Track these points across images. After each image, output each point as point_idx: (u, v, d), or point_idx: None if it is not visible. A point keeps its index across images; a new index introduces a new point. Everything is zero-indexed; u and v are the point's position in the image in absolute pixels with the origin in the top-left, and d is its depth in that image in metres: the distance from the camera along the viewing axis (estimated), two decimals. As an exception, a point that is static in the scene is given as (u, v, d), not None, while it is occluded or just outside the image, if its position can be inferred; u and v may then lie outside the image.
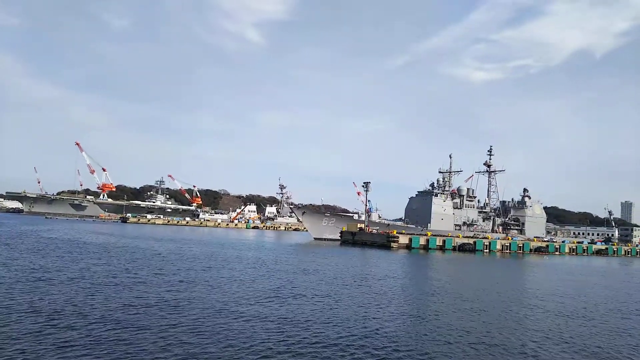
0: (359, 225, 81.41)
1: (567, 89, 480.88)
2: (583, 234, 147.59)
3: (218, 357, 12.83)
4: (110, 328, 15.06)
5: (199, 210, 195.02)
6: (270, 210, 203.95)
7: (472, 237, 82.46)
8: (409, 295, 24.52)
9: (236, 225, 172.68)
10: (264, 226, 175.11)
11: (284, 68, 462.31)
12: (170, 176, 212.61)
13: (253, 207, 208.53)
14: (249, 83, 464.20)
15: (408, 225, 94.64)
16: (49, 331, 14.47)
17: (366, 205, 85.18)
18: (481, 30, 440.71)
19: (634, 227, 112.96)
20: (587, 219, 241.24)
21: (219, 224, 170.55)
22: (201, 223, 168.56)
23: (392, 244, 69.59)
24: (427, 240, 72.14)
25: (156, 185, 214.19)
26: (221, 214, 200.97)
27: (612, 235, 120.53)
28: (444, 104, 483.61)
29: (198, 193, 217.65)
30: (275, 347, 13.95)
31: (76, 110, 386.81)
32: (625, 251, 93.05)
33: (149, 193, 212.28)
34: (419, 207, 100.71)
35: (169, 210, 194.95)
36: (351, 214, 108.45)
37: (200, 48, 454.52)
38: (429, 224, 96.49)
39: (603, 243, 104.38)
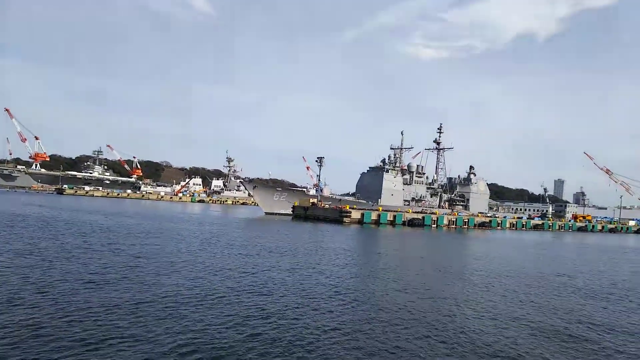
0: (311, 200, 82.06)
1: (509, 70, 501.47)
2: (521, 209, 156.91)
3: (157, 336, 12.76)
4: (68, 305, 14.62)
5: (140, 183, 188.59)
6: (217, 183, 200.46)
7: (420, 213, 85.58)
8: (358, 270, 25.16)
9: (180, 198, 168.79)
10: (210, 200, 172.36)
11: (230, 37, 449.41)
12: (109, 146, 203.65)
13: (198, 180, 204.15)
14: (194, 53, 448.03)
15: (359, 201, 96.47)
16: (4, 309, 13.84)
17: (319, 180, 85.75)
18: (430, 8, 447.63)
19: (567, 204, 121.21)
20: (523, 195, 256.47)
21: (162, 196, 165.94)
22: (143, 196, 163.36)
23: (345, 219, 70.87)
24: (379, 216, 74.04)
25: (93, 155, 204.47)
26: (164, 186, 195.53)
27: (547, 211, 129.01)
28: (393, 80, 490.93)
29: (138, 164, 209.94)
30: (209, 322, 14.07)
31: (6, 77, 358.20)
32: (559, 226, 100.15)
33: (85, 164, 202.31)
34: (370, 183, 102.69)
35: (108, 181, 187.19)
36: (301, 189, 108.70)
37: (140, 13, 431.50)
38: (379, 200, 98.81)
39: (539, 218, 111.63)
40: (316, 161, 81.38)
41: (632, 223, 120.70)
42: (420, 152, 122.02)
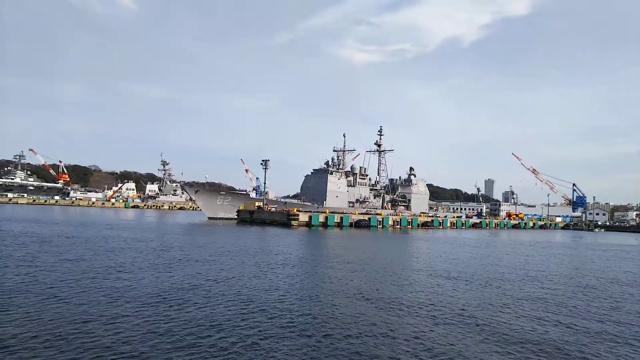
0: (257, 204, 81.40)
1: (439, 74, 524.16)
2: (458, 208, 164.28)
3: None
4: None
5: (68, 188, 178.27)
6: (152, 188, 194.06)
7: (366, 214, 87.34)
8: (312, 275, 25.14)
9: (113, 204, 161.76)
10: (144, 205, 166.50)
11: (160, 37, 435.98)
12: (31, 150, 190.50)
13: (132, 185, 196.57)
14: (122, 51, 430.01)
15: (305, 203, 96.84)
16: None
17: (265, 183, 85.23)
18: (362, 12, 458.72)
19: (500, 203, 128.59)
20: (458, 195, 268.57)
21: (93, 203, 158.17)
22: (73, 202, 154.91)
23: (292, 222, 70.99)
24: (326, 218, 74.78)
25: (15, 160, 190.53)
26: (95, 192, 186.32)
27: (482, 209, 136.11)
28: (331, 84, 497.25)
29: (65, 169, 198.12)
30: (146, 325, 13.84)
31: None
32: (495, 224, 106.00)
33: (6, 169, 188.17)
34: (314, 185, 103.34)
35: (32, 187, 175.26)
36: (245, 192, 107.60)
37: (65, 10, 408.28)
38: (324, 202, 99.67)
39: (477, 217, 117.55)
40: (261, 164, 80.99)
41: (558, 220, 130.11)
42: (359, 153, 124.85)
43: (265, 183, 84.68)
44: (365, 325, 15.09)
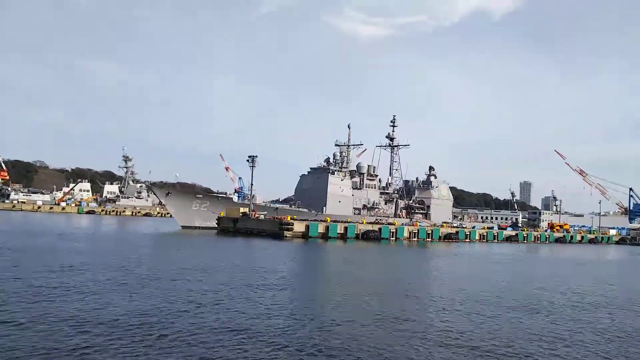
0: (242, 210, 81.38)
1: (462, 53, 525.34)
2: (488, 218, 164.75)
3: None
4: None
5: (8, 189, 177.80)
6: (111, 189, 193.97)
7: (375, 223, 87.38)
8: (306, 296, 24.87)
9: (64, 209, 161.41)
10: (102, 210, 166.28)
11: (118, 8, 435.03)
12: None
13: (86, 185, 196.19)
14: (72, 25, 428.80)
15: (300, 209, 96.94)
16: None
17: (251, 184, 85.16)
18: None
19: (541, 211, 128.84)
20: (488, 201, 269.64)
21: (39, 207, 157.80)
22: (14, 206, 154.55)
23: (286, 233, 71.00)
24: (327, 228, 74.87)
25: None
26: (41, 193, 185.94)
27: (517, 219, 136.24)
28: (329, 63, 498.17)
29: (3, 165, 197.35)
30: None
31: None
32: (534, 237, 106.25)
33: None
34: (312, 187, 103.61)
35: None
36: (227, 196, 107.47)
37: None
38: (324, 208, 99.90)
39: (511, 228, 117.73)
40: (247, 160, 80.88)
41: (612, 232, 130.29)
42: (365, 149, 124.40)
43: (252, 184, 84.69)
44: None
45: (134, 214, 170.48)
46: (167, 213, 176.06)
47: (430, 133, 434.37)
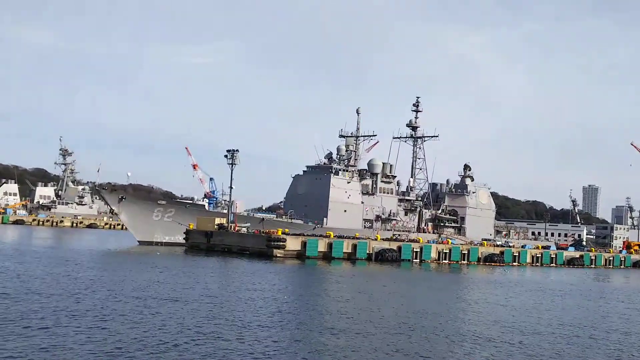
0: (218, 221, 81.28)
1: (505, 17, 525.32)
2: (543, 234, 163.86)
3: None
4: None
5: None
6: (44, 192, 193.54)
7: (393, 240, 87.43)
8: (306, 344, 24.27)
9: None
10: (34, 220, 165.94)
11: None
12: None
13: (13, 187, 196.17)
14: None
15: (293, 221, 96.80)
16: None
17: (230, 188, 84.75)
18: None
19: (613, 226, 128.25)
20: (539, 211, 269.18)
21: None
22: None
23: (276, 252, 70.89)
24: (330, 246, 74.72)
25: None
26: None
27: (581, 235, 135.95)
28: (330, 31, 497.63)
29: None
30: None
31: None
32: (605, 260, 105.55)
33: None
34: (308, 192, 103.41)
35: None
36: (190, 202, 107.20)
37: None
38: (325, 219, 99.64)
39: (573, 248, 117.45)
40: (225, 156, 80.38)
41: None
42: (377, 141, 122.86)
43: (231, 188, 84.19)
44: None
45: (74, 224, 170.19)
46: (119, 224, 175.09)
47: (465, 121, 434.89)
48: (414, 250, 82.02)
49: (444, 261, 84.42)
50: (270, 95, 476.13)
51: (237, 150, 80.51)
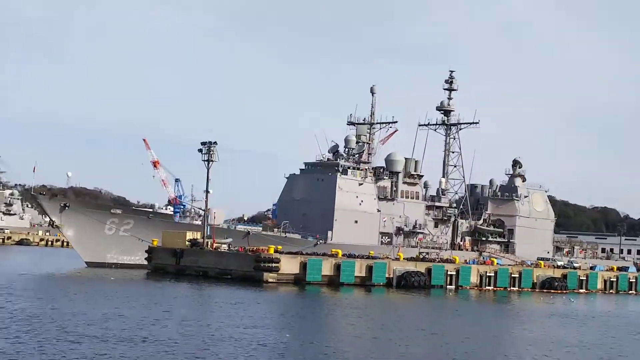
0: (190, 236, 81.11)
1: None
2: (617, 251, 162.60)
3: None
4: None
5: None
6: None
7: (420, 260, 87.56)
8: None
9: None
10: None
11: None
12: None
13: None
14: None
15: (288, 235, 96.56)
16: None
17: (207, 192, 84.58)
18: None
19: None
20: (610, 221, 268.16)
21: None
22: None
23: (267, 276, 70.69)
24: (338, 268, 74.66)
25: None
26: None
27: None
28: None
29: None
30: None
31: None
32: None
33: None
34: (308, 197, 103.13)
35: None
36: (149, 210, 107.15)
37: None
38: (329, 233, 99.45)
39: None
40: (200, 150, 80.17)
41: None
42: (396, 130, 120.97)
43: (207, 191, 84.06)
44: None
45: (1, 240, 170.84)
46: (59, 240, 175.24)
47: (513, 105, 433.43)
48: (448, 273, 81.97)
49: (487, 287, 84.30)
50: (254, 70, 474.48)
51: (214, 142, 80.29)
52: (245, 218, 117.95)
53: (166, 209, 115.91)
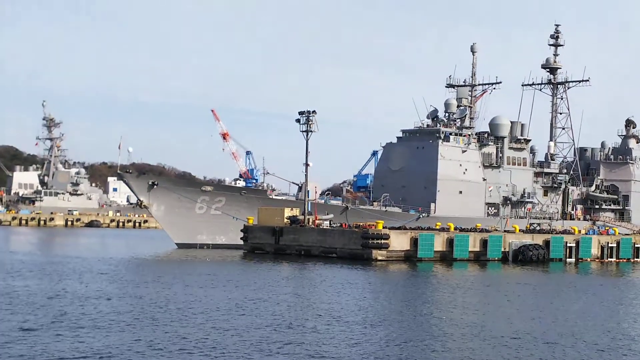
0: (289, 213, 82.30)
1: None
2: None
3: None
4: None
5: None
6: (25, 179, 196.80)
7: (536, 232, 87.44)
8: None
9: None
10: (14, 217, 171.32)
11: None
12: None
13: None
14: None
15: (387, 208, 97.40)
16: None
17: (306, 165, 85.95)
18: None
19: None
20: None
21: None
22: None
23: (376, 253, 71.73)
24: (451, 242, 75.51)
25: None
26: None
27: None
28: None
29: None
30: None
31: None
32: None
33: None
34: (406, 167, 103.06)
35: None
36: (244, 188, 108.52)
37: None
38: (432, 205, 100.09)
39: None
40: (297, 120, 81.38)
41: None
42: (485, 90, 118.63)
43: (306, 165, 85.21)
44: None
45: (69, 222, 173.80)
46: (130, 221, 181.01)
47: (626, 60, 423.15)
48: (568, 245, 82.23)
49: (609, 259, 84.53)
50: (331, 30, 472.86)
51: (313, 111, 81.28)
52: (327, 192, 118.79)
53: (236, 183, 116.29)
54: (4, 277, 51.73)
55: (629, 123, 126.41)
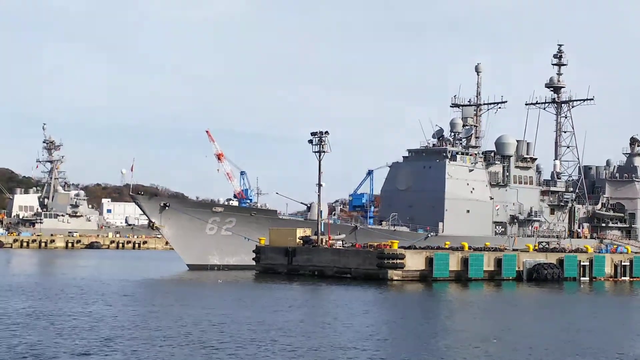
0: (301, 233, 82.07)
1: None
2: None
3: None
4: None
5: None
6: (25, 202, 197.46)
7: (549, 251, 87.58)
8: None
9: None
10: (15, 239, 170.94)
11: None
12: None
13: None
14: None
15: (396, 228, 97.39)
16: None
17: (319, 185, 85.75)
18: None
19: None
20: None
21: None
22: None
23: (392, 273, 71.51)
24: (465, 262, 75.20)
25: None
26: None
27: None
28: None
29: None
30: None
31: None
32: None
33: None
34: (413, 187, 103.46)
35: None
36: (254, 208, 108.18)
37: None
38: (440, 224, 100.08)
39: None
40: (310, 141, 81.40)
41: None
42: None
43: (319, 185, 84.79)
44: None
45: (70, 245, 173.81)
46: (129, 242, 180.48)
47: (628, 77, 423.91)
48: (581, 263, 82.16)
49: (623, 278, 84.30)
50: (325, 52, 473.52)
51: (326, 132, 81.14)
52: (337, 207, 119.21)
53: (229, 203, 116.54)
54: (41, 301, 51.19)
55: (634, 141, 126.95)
